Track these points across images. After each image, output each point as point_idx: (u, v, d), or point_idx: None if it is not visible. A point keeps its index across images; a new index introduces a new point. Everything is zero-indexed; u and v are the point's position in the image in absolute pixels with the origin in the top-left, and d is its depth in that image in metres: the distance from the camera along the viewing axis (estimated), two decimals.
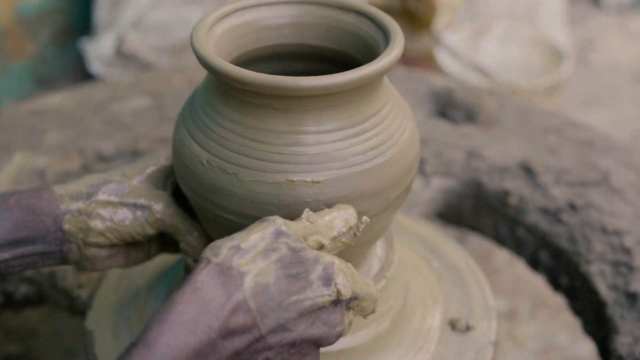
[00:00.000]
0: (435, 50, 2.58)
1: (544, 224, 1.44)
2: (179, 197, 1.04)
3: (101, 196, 0.99)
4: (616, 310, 1.28)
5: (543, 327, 2.01)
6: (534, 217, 1.45)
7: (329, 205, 0.92)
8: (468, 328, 1.12)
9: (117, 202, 1.00)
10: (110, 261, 1.03)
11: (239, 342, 0.82)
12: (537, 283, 2.04)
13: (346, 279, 0.87)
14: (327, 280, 0.86)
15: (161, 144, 1.55)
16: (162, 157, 1.05)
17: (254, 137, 0.92)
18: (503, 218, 1.50)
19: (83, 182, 1.01)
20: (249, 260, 0.84)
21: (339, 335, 0.89)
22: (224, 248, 0.85)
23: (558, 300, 2.00)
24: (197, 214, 1.01)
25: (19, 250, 0.96)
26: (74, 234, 0.98)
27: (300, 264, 0.86)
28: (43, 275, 1.29)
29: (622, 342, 1.23)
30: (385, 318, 1.07)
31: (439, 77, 1.82)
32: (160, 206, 1.01)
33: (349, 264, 0.90)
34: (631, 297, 1.29)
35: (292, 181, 0.91)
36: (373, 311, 0.93)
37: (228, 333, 0.82)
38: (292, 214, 0.91)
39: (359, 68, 0.90)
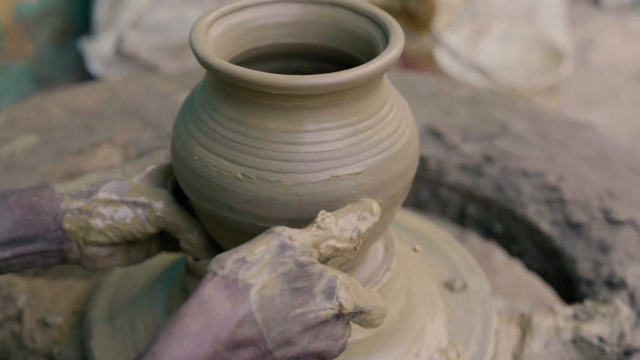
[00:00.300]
0: (435, 50, 2.58)
1: (466, 180, 1.51)
2: (178, 196, 1.04)
3: (102, 194, 0.99)
4: (565, 242, 1.37)
5: None
6: (455, 176, 1.51)
7: (370, 194, 0.94)
8: (464, 286, 1.18)
9: (118, 200, 0.99)
10: (110, 260, 1.03)
11: (245, 355, 0.82)
12: (537, 283, 2.05)
13: (348, 293, 0.87)
14: (330, 294, 0.86)
15: (70, 177, 1.48)
16: (162, 156, 1.05)
17: (288, 140, 0.91)
18: (423, 183, 1.55)
19: (83, 180, 1.01)
20: (254, 273, 0.84)
21: (342, 349, 0.90)
22: (229, 261, 0.84)
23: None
24: (217, 228, 0.99)
25: (19, 249, 0.96)
26: (74, 233, 0.98)
27: (306, 278, 0.86)
28: (6, 338, 1.22)
29: (585, 268, 1.32)
30: (402, 294, 1.09)
31: None
32: (160, 204, 1.00)
33: (353, 278, 0.90)
34: (575, 227, 1.39)
35: (337, 176, 0.92)
36: (381, 323, 0.93)
37: (235, 346, 0.82)
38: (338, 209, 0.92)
39: (359, 66, 0.90)
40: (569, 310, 1.20)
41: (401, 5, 2.59)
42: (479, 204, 1.49)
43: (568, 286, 1.37)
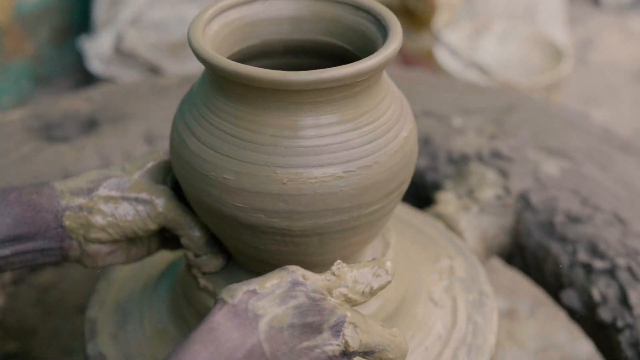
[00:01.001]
0: (435, 48, 2.58)
1: None
2: (178, 192, 1.04)
3: (102, 191, 0.99)
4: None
5: (542, 326, 2.00)
6: None
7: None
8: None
9: (119, 196, 0.99)
10: (111, 258, 1.02)
11: None
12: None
13: (355, 332, 0.87)
14: (337, 330, 0.86)
15: None
16: (161, 152, 1.05)
17: (364, 122, 0.94)
18: None
19: (83, 178, 1.00)
20: (265, 304, 0.84)
21: None
22: (239, 291, 0.85)
23: None
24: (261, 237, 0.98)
25: (19, 247, 0.96)
26: (75, 230, 0.98)
27: (318, 313, 0.86)
28: None
29: (422, 163, 1.47)
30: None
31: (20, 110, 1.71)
32: (162, 200, 1.00)
33: (366, 317, 0.90)
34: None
35: (405, 137, 0.97)
36: None
37: None
38: (407, 174, 0.98)
39: (355, 62, 0.90)
40: (449, 195, 1.38)
41: (401, 3, 2.58)
42: None
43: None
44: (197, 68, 1.01)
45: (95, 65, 2.72)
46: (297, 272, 0.87)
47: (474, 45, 2.67)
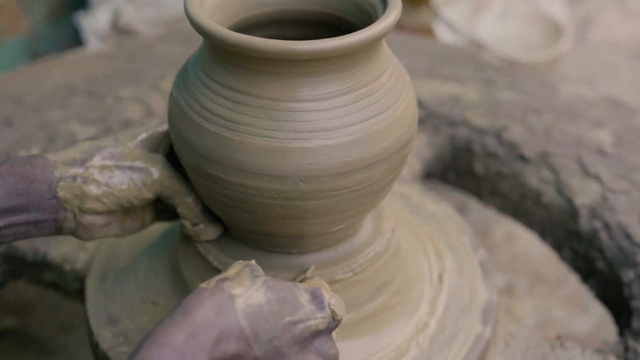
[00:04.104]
0: (434, 24, 2.57)
1: None
2: (171, 161, 1.03)
3: (96, 161, 0.98)
4: None
5: (540, 302, 2.01)
6: None
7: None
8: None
9: (113, 165, 0.98)
10: (105, 229, 1.02)
11: None
12: (536, 259, 2.04)
13: (337, 300, 0.88)
14: (320, 302, 0.87)
15: None
16: (153, 123, 1.04)
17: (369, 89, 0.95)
18: None
19: (76, 148, 1.00)
20: (237, 284, 0.84)
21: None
22: (214, 280, 0.85)
23: (556, 276, 2.00)
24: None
25: (12, 219, 0.95)
26: (70, 201, 0.97)
27: (283, 288, 0.86)
28: None
29: None
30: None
31: None
32: (157, 168, 0.99)
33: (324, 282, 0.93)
34: None
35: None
36: None
37: (220, 355, 0.81)
38: (407, 143, 0.99)
39: (353, 33, 0.89)
40: None
41: None
42: None
43: None
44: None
45: (92, 41, 2.71)
46: (243, 260, 0.90)
47: (473, 21, 2.67)
